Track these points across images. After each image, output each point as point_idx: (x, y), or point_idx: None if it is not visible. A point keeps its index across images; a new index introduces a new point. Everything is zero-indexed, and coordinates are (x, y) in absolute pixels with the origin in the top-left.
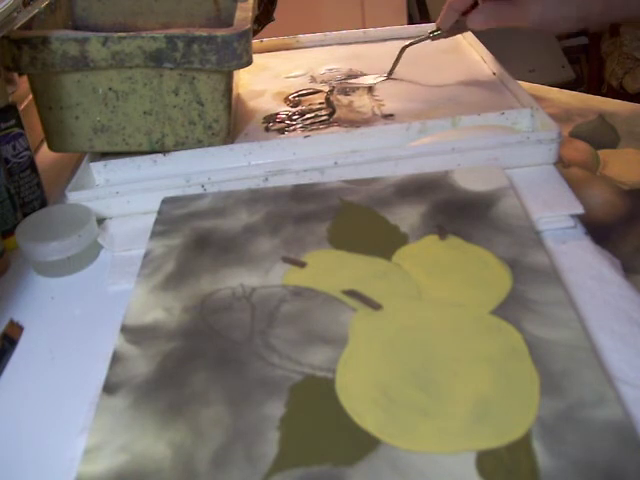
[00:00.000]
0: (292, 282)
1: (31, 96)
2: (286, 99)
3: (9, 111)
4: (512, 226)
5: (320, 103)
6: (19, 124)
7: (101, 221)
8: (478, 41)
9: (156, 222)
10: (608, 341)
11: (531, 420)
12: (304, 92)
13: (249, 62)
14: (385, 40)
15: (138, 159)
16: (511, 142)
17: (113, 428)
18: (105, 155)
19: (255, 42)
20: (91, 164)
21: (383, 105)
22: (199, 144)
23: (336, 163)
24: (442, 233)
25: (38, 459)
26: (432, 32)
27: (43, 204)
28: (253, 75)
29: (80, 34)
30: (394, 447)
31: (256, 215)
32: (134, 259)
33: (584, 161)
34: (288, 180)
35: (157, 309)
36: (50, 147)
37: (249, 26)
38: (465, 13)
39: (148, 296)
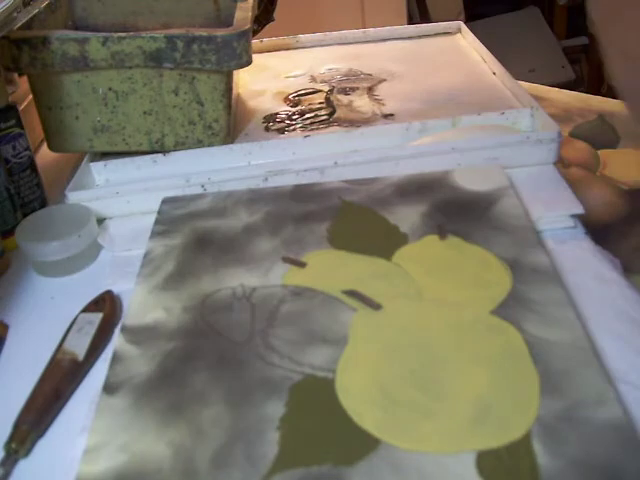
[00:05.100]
0: (292, 282)
1: (31, 96)
2: (286, 99)
3: (9, 111)
4: (512, 226)
5: (320, 103)
6: (19, 124)
7: (101, 221)
8: (478, 41)
9: (156, 222)
10: (608, 341)
11: (531, 420)
12: (304, 92)
13: (249, 62)
14: (385, 40)
15: (138, 159)
16: (511, 142)
17: (113, 428)
18: (105, 155)
19: (255, 42)
20: (91, 164)
21: (383, 105)
22: (199, 144)
23: (336, 163)
24: (442, 233)
25: (38, 459)
26: None
27: (43, 204)
28: (253, 75)
29: (80, 34)
30: (394, 447)
31: (256, 215)
32: (134, 259)
33: (584, 161)
34: (288, 180)
35: (157, 309)
36: (50, 147)
37: (249, 26)
38: None
39: (148, 296)
